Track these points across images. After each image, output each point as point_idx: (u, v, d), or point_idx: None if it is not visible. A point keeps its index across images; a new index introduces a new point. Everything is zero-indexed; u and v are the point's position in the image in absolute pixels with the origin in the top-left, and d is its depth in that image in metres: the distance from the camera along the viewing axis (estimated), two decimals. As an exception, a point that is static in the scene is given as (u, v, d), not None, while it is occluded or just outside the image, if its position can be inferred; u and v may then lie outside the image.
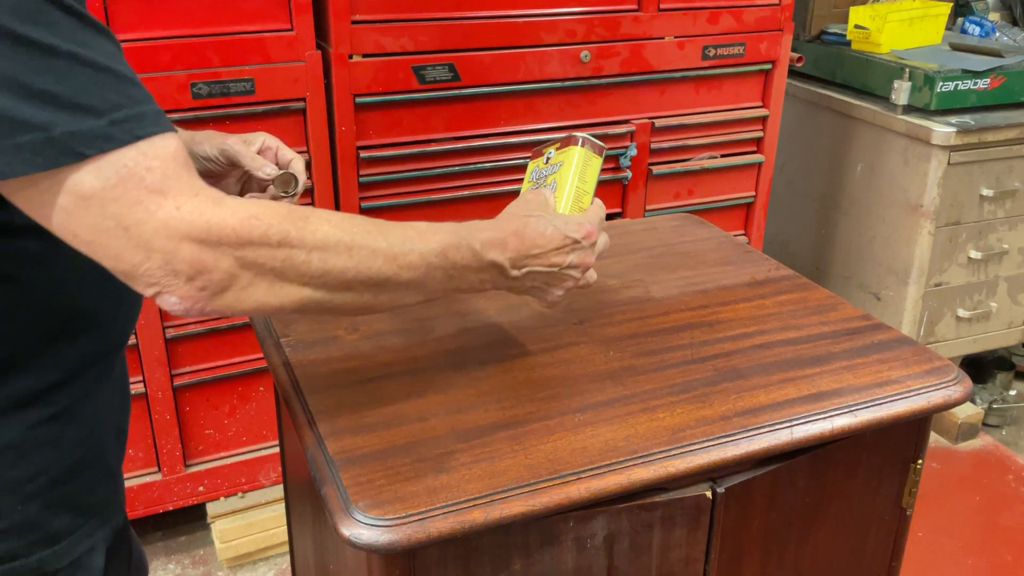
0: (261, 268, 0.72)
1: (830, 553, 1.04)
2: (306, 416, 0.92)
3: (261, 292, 0.73)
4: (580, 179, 1.01)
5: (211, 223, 0.69)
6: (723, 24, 2.15)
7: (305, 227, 0.74)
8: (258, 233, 0.72)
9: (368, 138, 1.90)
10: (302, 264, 0.74)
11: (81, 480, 0.87)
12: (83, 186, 0.66)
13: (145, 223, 0.67)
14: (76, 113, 0.66)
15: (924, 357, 1.05)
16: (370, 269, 0.78)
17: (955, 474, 2.46)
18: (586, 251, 0.95)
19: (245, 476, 2.06)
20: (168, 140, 0.70)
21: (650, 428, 0.90)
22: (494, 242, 0.88)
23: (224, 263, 0.70)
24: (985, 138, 2.35)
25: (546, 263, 0.92)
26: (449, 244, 0.84)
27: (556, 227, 0.92)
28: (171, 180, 0.69)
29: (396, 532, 0.76)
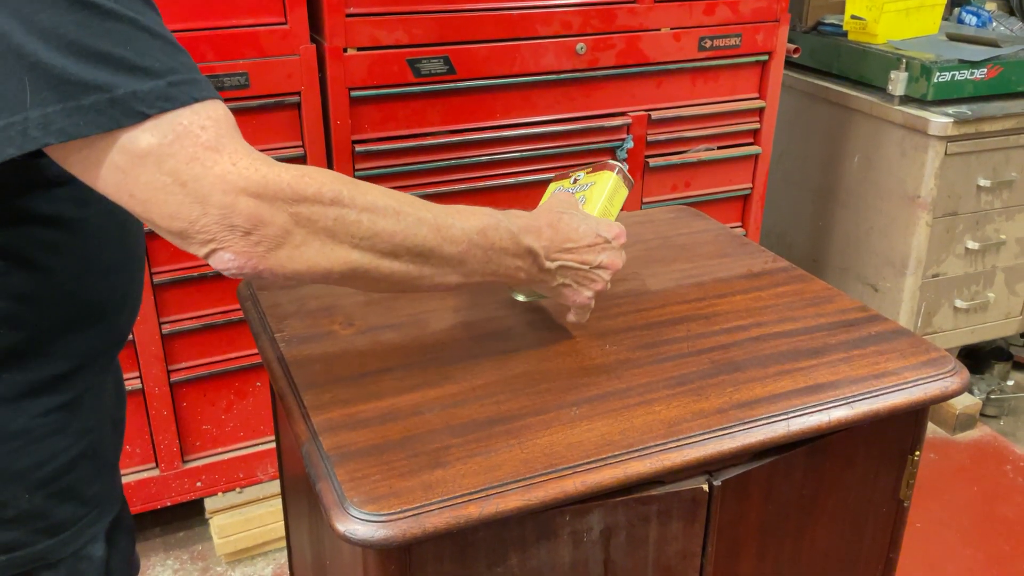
0: (314, 226, 0.73)
1: (827, 545, 1.04)
2: (301, 411, 0.91)
3: (313, 251, 0.74)
4: (609, 201, 1.05)
5: (267, 178, 0.70)
6: (719, 15, 2.14)
7: (356, 189, 0.76)
8: (312, 190, 0.72)
9: (363, 132, 1.89)
10: (353, 224, 0.75)
11: (83, 471, 0.88)
12: (140, 144, 0.67)
13: (202, 178, 0.68)
14: (137, 74, 0.67)
15: (921, 348, 1.04)
16: (416, 236, 0.79)
17: (953, 465, 2.47)
18: (616, 252, 0.97)
19: (243, 471, 2.06)
20: (219, 104, 0.71)
21: (646, 421, 0.90)
22: (530, 228, 0.89)
23: (280, 218, 0.71)
24: (982, 128, 2.35)
25: (578, 259, 0.93)
26: (488, 225, 0.85)
27: (589, 225, 0.94)
28: (225, 139, 0.70)
29: (391, 528, 0.76)
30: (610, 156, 1.08)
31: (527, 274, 0.91)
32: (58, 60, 0.65)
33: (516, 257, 0.88)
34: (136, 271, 0.94)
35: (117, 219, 0.87)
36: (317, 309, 1.11)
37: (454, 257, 0.83)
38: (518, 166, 2.06)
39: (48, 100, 0.65)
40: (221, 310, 1.91)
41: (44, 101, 0.65)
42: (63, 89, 0.65)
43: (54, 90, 0.65)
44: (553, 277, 0.93)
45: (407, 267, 0.80)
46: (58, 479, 0.85)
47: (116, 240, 0.88)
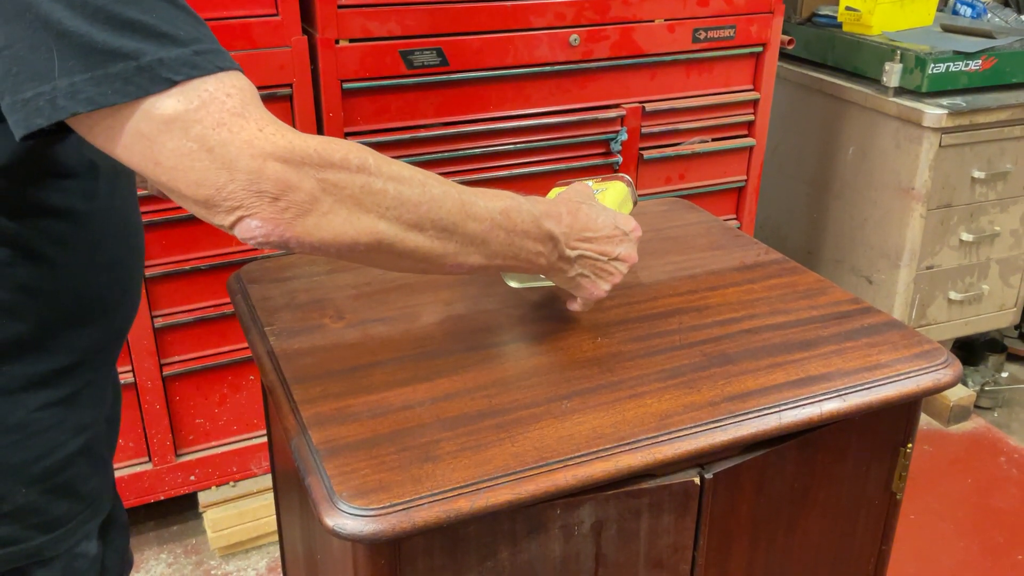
0: (341, 192, 0.72)
1: (819, 538, 1.04)
2: (290, 405, 0.91)
3: (340, 220, 0.73)
4: (618, 206, 1.07)
5: (294, 143, 0.70)
6: (713, 7, 2.13)
7: (381, 158, 0.75)
8: (339, 156, 0.72)
9: (356, 124, 1.88)
10: (379, 192, 0.74)
11: (80, 467, 0.87)
12: (166, 110, 0.67)
13: (229, 143, 0.68)
14: (163, 41, 0.67)
15: (914, 340, 1.04)
16: (441, 208, 0.79)
17: (947, 456, 2.47)
18: (631, 246, 0.97)
19: (236, 465, 2.05)
20: (242, 76, 0.71)
21: (638, 414, 0.90)
22: (550, 214, 0.89)
23: (307, 183, 0.70)
24: (977, 120, 2.35)
25: (598, 249, 0.93)
26: (511, 206, 0.85)
27: (608, 217, 0.94)
28: (251, 106, 0.69)
29: (381, 522, 0.76)
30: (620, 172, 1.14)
31: (547, 260, 0.90)
32: (84, 28, 0.64)
33: (537, 241, 0.88)
34: (137, 267, 0.94)
35: (121, 214, 0.87)
36: (307, 302, 1.10)
37: (477, 235, 0.82)
38: (512, 158, 2.05)
39: (75, 69, 0.65)
40: (214, 303, 1.90)
41: (71, 70, 0.65)
42: (90, 57, 0.65)
43: (81, 58, 0.65)
44: (572, 266, 0.93)
45: (432, 242, 0.79)
46: (55, 475, 0.85)
47: (119, 235, 0.87)
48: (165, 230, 1.80)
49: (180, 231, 1.81)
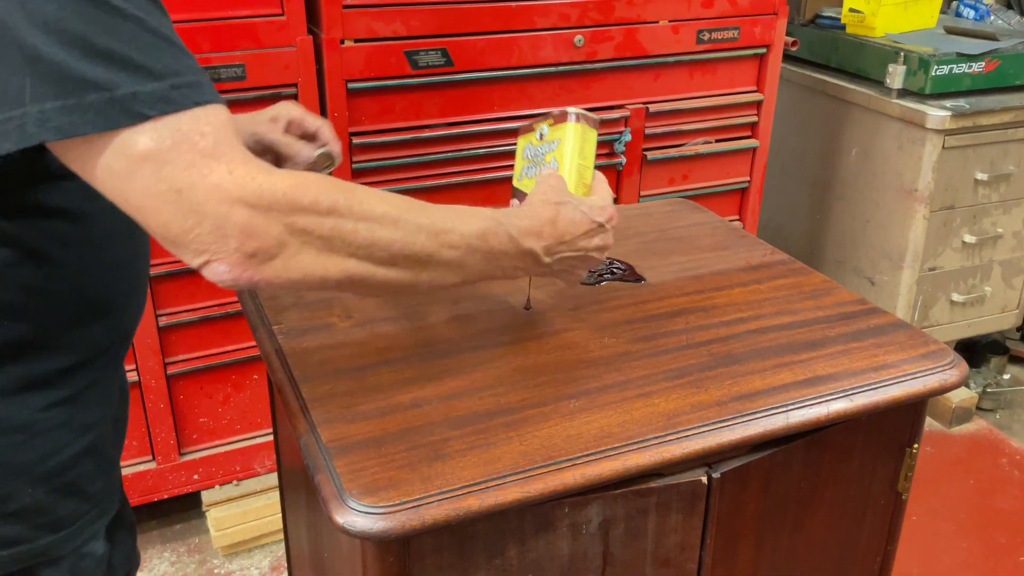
0: (310, 235, 0.72)
1: (826, 537, 1.04)
2: (299, 403, 0.91)
3: (308, 261, 0.73)
4: (580, 155, 1.00)
5: (263, 187, 0.69)
6: (717, 8, 2.13)
7: (353, 197, 0.75)
8: (308, 199, 0.72)
9: (360, 124, 1.88)
10: (350, 233, 0.74)
11: (86, 467, 0.87)
12: (138, 147, 0.67)
13: (198, 186, 0.67)
14: (139, 74, 0.66)
15: (920, 341, 1.04)
16: (414, 244, 0.78)
17: (949, 458, 2.47)
18: (608, 234, 0.96)
19: (240, 464, 2.05)
20: (220, 110, 0.71)
21: (645, 414, 0.90)
22: (531, 231, 0.89)
23: (274, 228, 0.70)
24: (980, 122, 2.35)
25: (574, 249, 0.93)
26: (488, 228, 0.85)
27: (584, 213, 0.93)
28: (223, 146, 0.69)
29: (390, 520, 0.76)
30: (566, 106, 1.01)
31: (525, 271, 0.91)
32: (60, 55, 0.64)
33: (516, 259, 0.88)
34: (142, 268, 0.93)
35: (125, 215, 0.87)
36: (315, 301, 1.11)
37: (452, 262, 0.82)
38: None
39: (47, 96, 0.65)
40: (218, 302, 1.91)
41: (43, 96, 0.64)
42: (63, 85, 0.65)
43: (54, 86, 0.64)
44: (551, 268, 0.93)
45: (405, 274, 0.80)
46: (61, 474, 0.85)
47: (124, 235, 0.87)
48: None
49: (185, 230, 1.81)
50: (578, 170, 1.00)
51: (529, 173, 1.04)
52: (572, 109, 1.02)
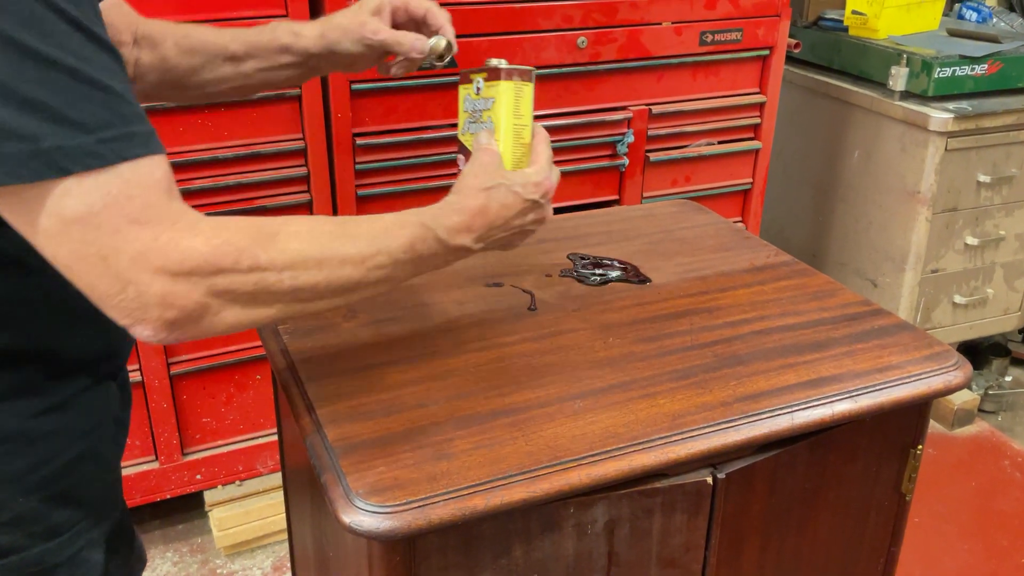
0: (233, 294, 0.73)
1: (830, 538, 1.04)
2: (305, 403, 0.91)
3: (233, 317, 0.74)
4: (516, 115, 0.97)
5: (185, 254, 0.69)
6: (720, 10, 2.14)
7: (274, 247, 0.74)
8: (229, 261, 0.72)
9: (364, 125, 1.88)
10: (274, 284, 0.75)
11: (81, 473, 0.86)
12: (66, 209, 0.66)
13: (122, 252, 0.67)
14: (66, 127, 0.65)
15: (924, 342, 1.05)
16: (340, 279, 0.79)
17: (951, 460, 2.47)
18: (545, 207, 0.95)
19: (242, 464, 2.06)
20: (155, 164, 0.69)
21: (650, 414, 0.90)
22: (460, 227, 0.88)
23: (195, 294, 0.70)
24: (982, 124, 2.35)
25: (508, 229, 0.92)
26: (416, 237, 0.84)
27: (517, 193, 0.91)
28: (152, 209, 0.68)
29: (397, 519, 0.76)
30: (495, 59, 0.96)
31: (460, 259, 0.91)
32: None
33: (447, 256, 0.88)
34: None
35: None
36: (320, 301, 1.11)
37: (381, 280, 0.82)
38: (519, 160, 2.05)
39: None
40: (221, 303, 1.91)
41: None
42: None
43: None
44: (484, 250, 0.92)
45: (334, 301, 0.80)
46: (55, 482, 0.83)
47: None
48: (174, 229, 1.81)
49: (188, 230, 1.81)
50: (515, 131, 0.97)
51: (471, 129, 1.01)
52: (503, 65, 0.98)
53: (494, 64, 0.97)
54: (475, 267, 1.20)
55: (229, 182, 1.81)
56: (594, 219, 1.40)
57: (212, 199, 1.82)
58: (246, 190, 1.84)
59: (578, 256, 1.25)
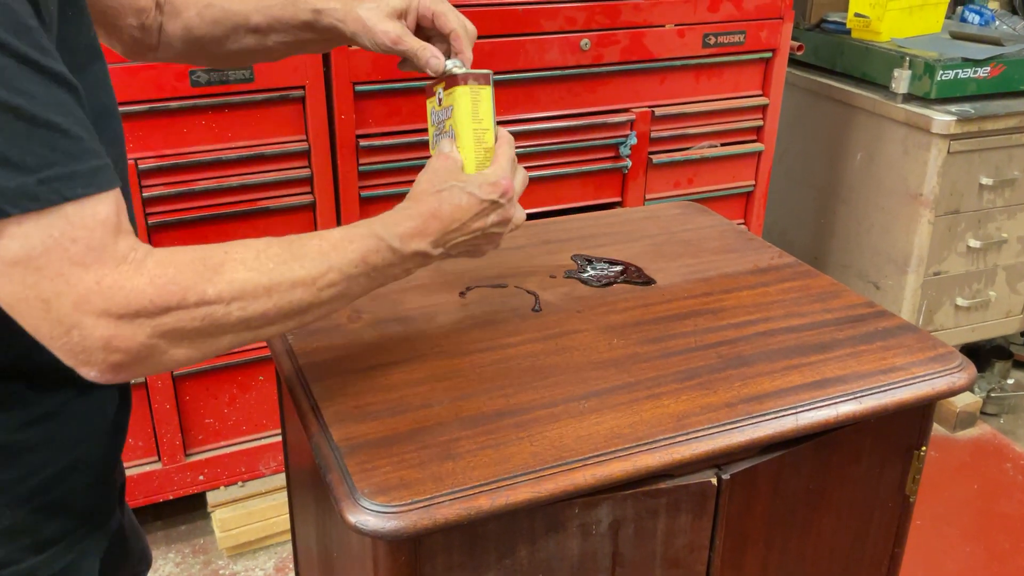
0: (181, 332, 0.71)
1: (834, 539, 1.05)
2: (310, 403, 0.91)
3: (183, 353, 0.73)
4: (475, 119, 0.95)
5: (129, 296, 0.68)
6: (723, 12, 2.14)
7: (220, 280, 0.73)
8: (176, 299, 0.70)
9: (367, 126, 1.89)
10: (222, 318, 0.73)
11: (72, 484, 0.85)
12: (8, 252, 0.64)
13: (65, 296, 0.66)
14: (5, 168, 0.63)
15: (928, 344, 1.05)
16: (291, 303, 0.77)
17: (954, 462, 2.47)
18: (506, 208, 0.92)
19: (245, 465, 2.06)
20: (101, 202, 0.67)
21: (655, 415, 0.90)
22: (413, 232, 0.86)
23: (141, 336, 0.69)
24: (985, 127, 2.35)
25: (467, 232, 0.89)
26: (368, 249, 0.82)
27: (471, 194, 0.89)
28: (94, 252, 0.67)
29: (402, 519, 0.76)
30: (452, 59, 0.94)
31: (419, 267, 0.89)
32: None
33: (403, 264, 0.86)
34: None
35: None
36: (325, 302, 1.11)
37: (335, 297, 0.81)
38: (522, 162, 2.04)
39: None
40: (224, 304, 1.91)
41: None
42: None
43: None
44: (447, 255, 0.91)
45: (287, 324, 0.79)
46: (44, 493, 0.82)
47: None
48: (176, 231, 1.81)
49: (191, 231, 1.82)
50: (475, 136, 0.95)
51: (438, 142, 1.00)
52: (459, 69, 0.96)
53: (450, 70, 0.96)
54: (479, 268, 1.20)
55: (233, 183, 1.81)
56: (597, 221, 1.40)
57: (216, 200, 1.82)
58: (249, 191, 1.84)
59: (582, 257, 1.25)
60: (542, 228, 1.36)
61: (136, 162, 1.72)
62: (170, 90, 1.70)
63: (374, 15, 0.96)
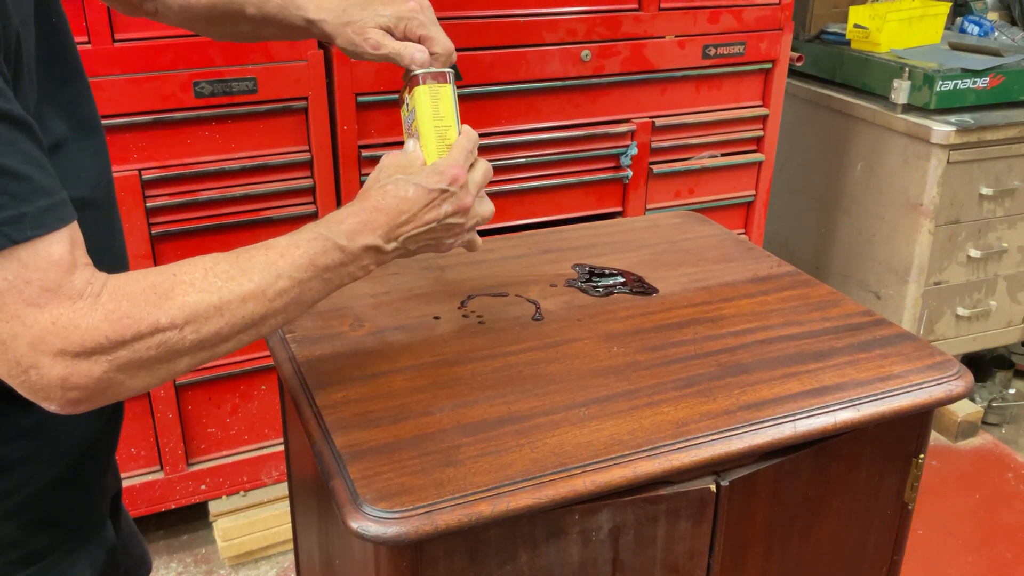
0: (138, 362, 0.72)
1: (833, 546, 1.05)
2: (312, 410, 0.92)
3: (141, 381, 0.73)
4: (436, 117, 0.95)
5: (85, 335, 0.68)
6: (723, 23, 2.15)
7: (172, 305, 0.73)
8: (131, 332, 0.71)
9: (370, 137, 1.90)
10: (177, 343, 0.74)
11: (60, 497, 0.85)
12: None
13: (21, 337, 0.67)
14: None
15: (926, 352, 1.05)
16: (244, 317, 0.77)
17: (955, 472, 2.47)
18: (458, 195, 0.89)
19: (247, 474, 2.06)
20: (52, 243, 0.68)
21: (655, 422, 0.91)
22: (360, 227, 0.85)
23: (97, 371, 0.70)
24: (984, 137, 2.36)
25: (420, 224, 0.88)
26: (315, 251, 0.82)
27: (417, 184, 0.87)
28: (49, 292, 0.67)
29: (403, 524, 0.77)
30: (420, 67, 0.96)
31: (377, 264, 0.88)
32: None
33: (356, 261, 0.85)
34: None
35: None
36: (327, 310, 1.12)
37: (289, 304, 0.81)
38: (523, 172, 2.07)
39: None
40: (227, 313, 1.92)
41: None
42: None
43: None
44: (406, 251, 0.89)
45: (243, 338, 0.79)
46: (31, 507, 0.82)
47: None
48: (180, 241, 1.82)
49: (195, 242, 1.83)
50: (437, 133, 0.95)
51: None
52: (419, 69, 0.96)
53: (411, 72, 0.96)
54: (480, 278, 1.21)
55: (235, 194, 1.83)
56: (598, 230, 1.41)
57: (219, 210, 1.83)
58: (252, 202, 1.85)
59: (583, 266, 1.26)
60: (543, 237, 1.37)
61: (140, 172, 1.74)
62: (174, 101, 1.72)
63: (359, 28, 0.97)
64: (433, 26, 0.98)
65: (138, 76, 1.68)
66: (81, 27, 1.63)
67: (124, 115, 1.70)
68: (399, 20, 0.96)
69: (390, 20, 0.96)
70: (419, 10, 0.97)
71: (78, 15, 1.62)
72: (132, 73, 1.68)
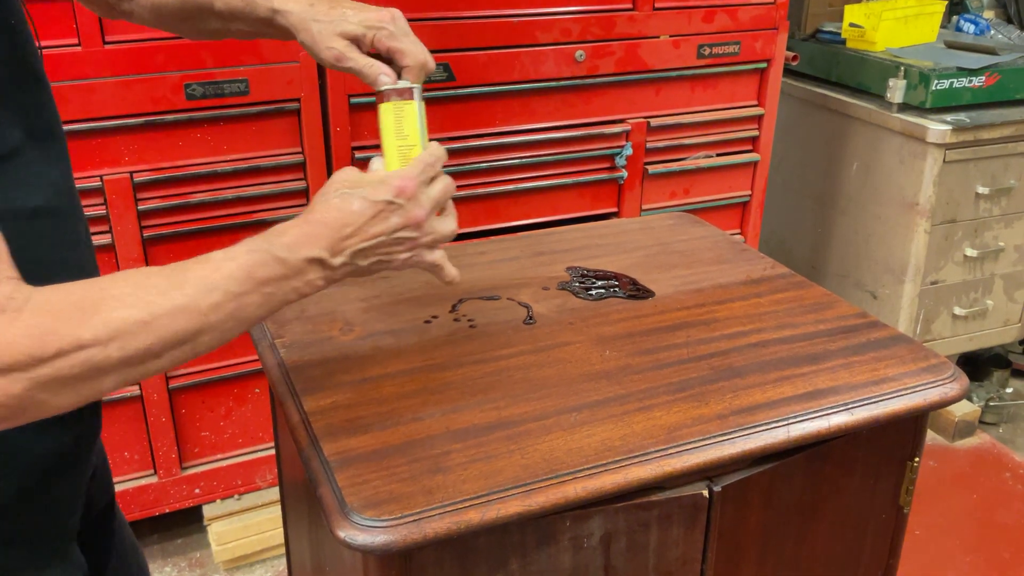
0: (60, 380, 0.69)
1: (827, 551, 1.04)
2: (301, 417, 0.91)
3: (64, 400, 0.70)
4: (399, 136, 0.92)
5: (3, 351, 0.66)
6: (718, 23, 2.15)
7: (98, 320, 0.70)
8: (52, 349, 0.67)
9: (363, 139, 1.89)
10: (102, 361, 0.70)
11: (20, 514, 0.82)
12: None
13: None
14: None
15: (920, 355, 1.05)
16: (175, 333, 0.74)
17: (952, 472, 2.46)
18: (407, 208, 0.85)
19: (241, 478, 2.05)
20: None
21: (647, 427, 0.90)
22: (301, 239, 0.81)
23: (15, 388, 0.67)
24: (980, 136, 2.36)
25: (366, 237, 0.84)
26: (253, 264, 0.78)
27: (363, 197, 0.83)
28: None
29: (392, 533, 0.76)
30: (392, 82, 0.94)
31: (326, 280, 0.83)
32: None
33: (299, 275, 0.81)
34: None
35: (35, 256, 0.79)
36: (317, 314, 1.11)
37: (225, 320, 0.77)
38: (517, 172, 2.06)
39: None
40: (220, 316, 1.91)
41: None
42: None
43: None
44: (355, 267, 0.85)
45: (176, 354, 0.75)
46: None
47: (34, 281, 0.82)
48: (172, 244, 1.81)
49: (187, 244, 1.82)
50: (399, 152, 0.92)
51: None
52: (386, 85, 0.93)
53: (377, 88, 0.93)
54: (472, 280, 1.20)
55: (228, 196, 1.82)
56: (591, 232, 1.40)
57: (212, 213, 1.82)
58: (245, 204, 1.84)
59: (576, 269, 1.25)
60: (535, 240, 1.36)
61: (131, 175, 1.73)
62: (166, 103, 1.71)
63: (325, 31, 0.93)
64: (405, 37, 0.94)
65: (129, 78, 1.67)
66: (71, 29, 1.62)
67: (115, 117, 1.69)
68: (367, 29, 0.93)
69: (357, 28, 0.93)
70: (389, 20, 0.93)
71: (68, 18, 1.61)
72: (123, 75, 1.67)
